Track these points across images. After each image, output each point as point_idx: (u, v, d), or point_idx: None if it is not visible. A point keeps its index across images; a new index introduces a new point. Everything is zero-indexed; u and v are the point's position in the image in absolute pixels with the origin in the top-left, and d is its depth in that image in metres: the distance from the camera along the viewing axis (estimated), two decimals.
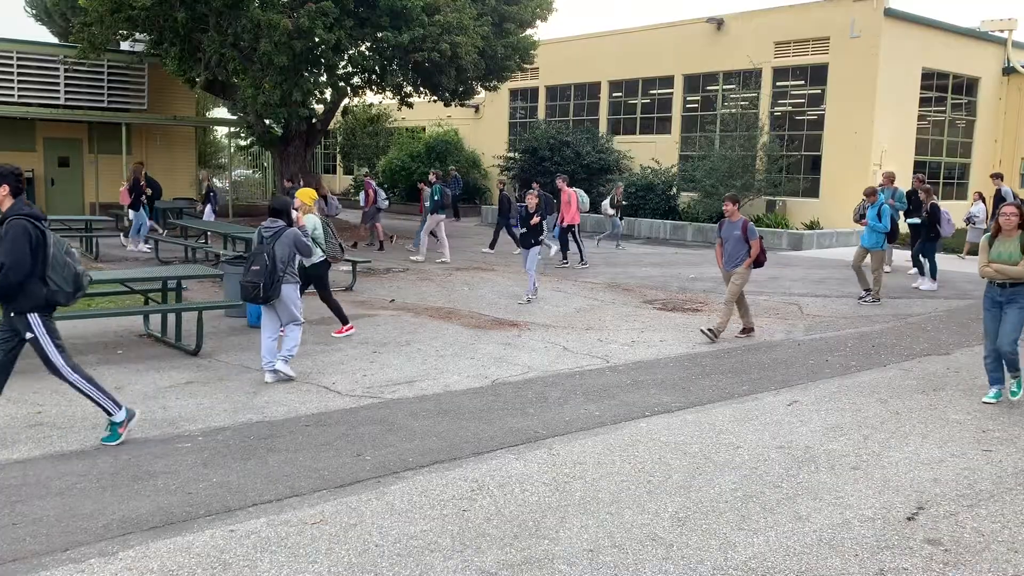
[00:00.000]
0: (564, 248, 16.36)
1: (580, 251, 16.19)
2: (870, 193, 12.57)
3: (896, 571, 4.05)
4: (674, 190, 24.24)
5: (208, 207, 19.11)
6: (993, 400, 7.12)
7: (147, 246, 16.91)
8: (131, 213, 17.37)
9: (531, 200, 12.34)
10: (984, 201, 19.40)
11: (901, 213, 14.43)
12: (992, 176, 18.41)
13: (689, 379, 7.85)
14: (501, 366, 8.14)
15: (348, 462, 5.40)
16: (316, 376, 7.57)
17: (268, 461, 5.38)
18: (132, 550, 4.08)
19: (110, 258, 15.73)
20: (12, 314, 5.32)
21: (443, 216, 17.12)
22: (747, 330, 9.94)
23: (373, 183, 19.09)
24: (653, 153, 25.42)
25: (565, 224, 16.11)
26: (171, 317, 8.85)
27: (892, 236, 13.18)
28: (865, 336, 10.10)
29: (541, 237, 12.39)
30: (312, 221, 8.92)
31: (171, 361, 8.02)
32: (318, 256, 8.92)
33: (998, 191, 17.55)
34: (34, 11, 34.53)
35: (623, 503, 4.81)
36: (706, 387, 7.56)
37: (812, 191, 23.11)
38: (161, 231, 18.30)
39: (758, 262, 9.69)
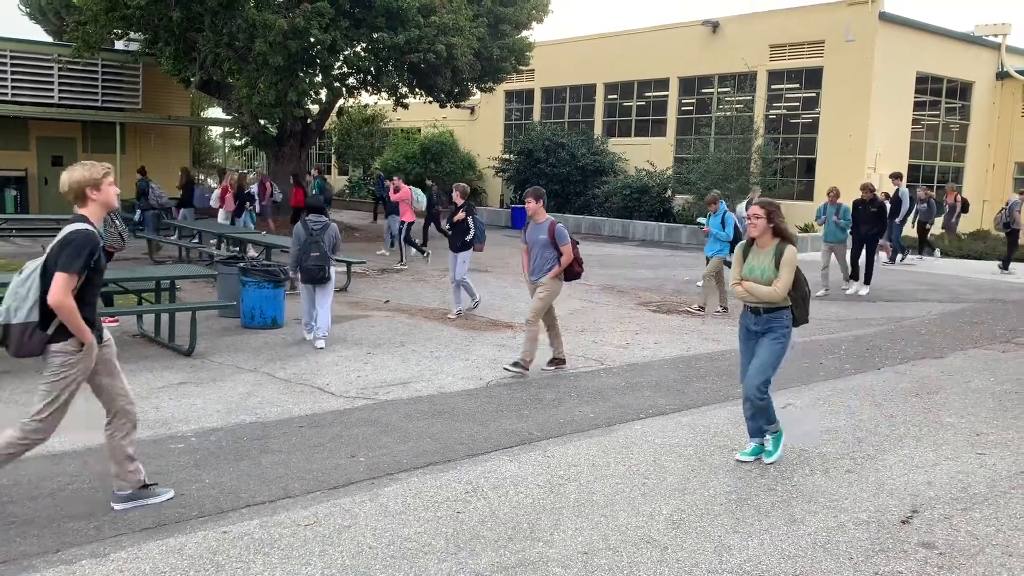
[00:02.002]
0: (413, 246, 16.38)
1: (402, 253, 16.03)
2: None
3: (891, 574, 4.05)
4: (669, 193, 24.27)
5: (245, 213, 17.41)
6: (749, 458, 5.59)
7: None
8: (221, 215, 16.80)
9: (455, 197, 11.12)
10: (931, 199, 19.43)
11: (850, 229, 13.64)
12: (891, 176, 18.24)
13: (684, 381, 7.84)
14: (496, 367, 8.13)
15: (342, 463, 5.38)
16: (310, 377, 7.55)
17: (261, 462, 5.35)
18: (124, 551, 4.05)
19: None
20: None
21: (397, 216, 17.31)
22: (557, 361, 8.17)
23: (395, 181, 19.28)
24: (648, 155, 25.46)
25: (403, 222, 16.10)
26: (164, 317, 8.82)
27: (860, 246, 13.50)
28: (859, 339, 10.11)
29: (468, 238, 10.97)
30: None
31: (164, 361, 7.99)
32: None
33: (896, 192, 17.47)
34: (28, 9, 34.43)
35: (617, 505, 4.80)
36: (701, 389, 7.56)
37: (807, 194, 23.16)
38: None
39: (571, 272, 7.93)
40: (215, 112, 34.47)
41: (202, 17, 18.14)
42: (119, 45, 23.71)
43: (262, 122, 21.00)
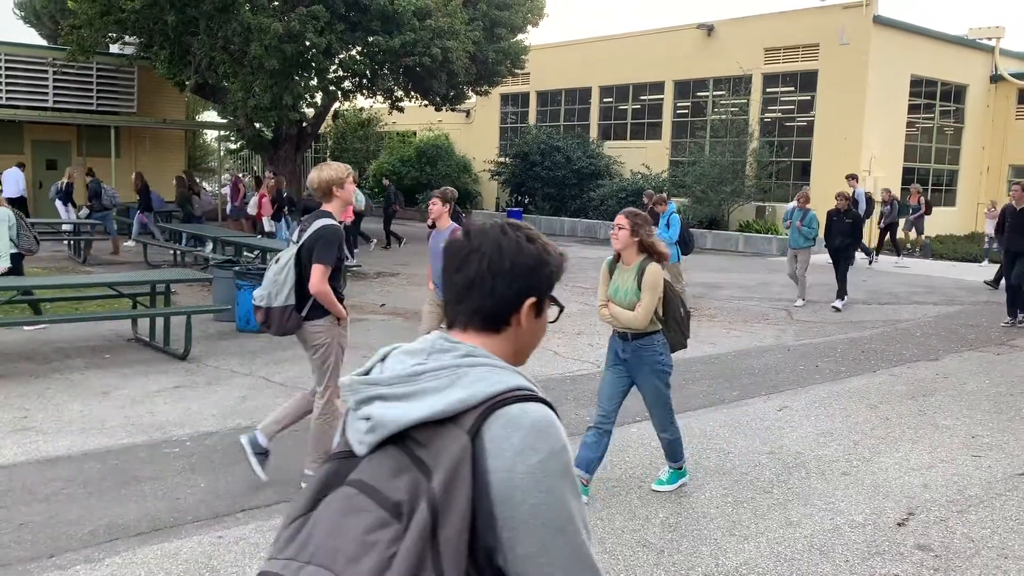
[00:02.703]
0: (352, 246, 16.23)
1: (351, 252, 15.84)
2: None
3: None
4: (664, 196, 24.28)
5: (283, 219, 16.87)
6: (665, 487, 5.10)
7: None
8: (266, 223, 16.41)
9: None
10: (894, 199, 19.47)
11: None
12: (847, 177, 18.22)
13: (679, 384, 7.82)
14: None
15: None
16: (305, 381, 7.51)
17: None
18: (119, 556, 4.04)
19: (99, 261, 15.64)
20: None
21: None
22: None
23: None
24: (643, 159, 25.48)
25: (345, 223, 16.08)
26: (159, 321, 8.80)
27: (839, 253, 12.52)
28: (854, 342, 10.12)
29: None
30: (3, 214, 9.10)
31: (159, 365, 7.97)
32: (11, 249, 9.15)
33: (852, 193, 17.46)
34: (23, 13, 34.37)
35: (614, 509, 4.80)
36: (696, 392, 7.56)
37: None
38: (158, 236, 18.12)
39: None
40: (210, 115, 34.43)
41: (197, 21, 18.11)
42: (114, 49, 23.68)
43: (257, 125, 20.97)
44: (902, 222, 20.00)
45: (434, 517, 1.21)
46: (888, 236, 19.43)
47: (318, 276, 4.67)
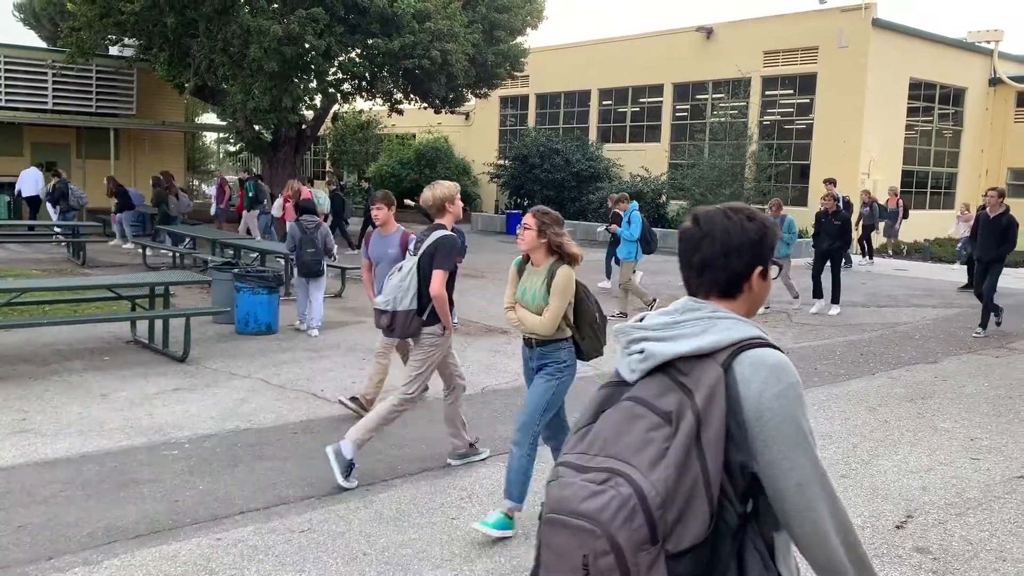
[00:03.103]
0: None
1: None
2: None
3: None
4: (663, 198, 24.32)
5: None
6: (493, 530, 4.37)
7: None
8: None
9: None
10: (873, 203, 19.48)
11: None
12: (825, 182, 18.15)
13: None
14: (490, 373, 8.12)
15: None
16: (305, 383, 7.53)
17: (255, 469, 5.34)
18: (117, 559, 4.04)
19: (98, 263, 15.63)
20: None
21: (257, 212, 17.50)
22: (361, 401, 6.59)
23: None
24: (642, 161, 25.51)
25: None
26: (158, 323, 8.79)
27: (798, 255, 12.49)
28: (853, 344, 10.13)
29: None
30: None
31: (158, 368, 7.96)
32: None
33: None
34: (22, 15, 34.42)
35: None
36: None
37: (801, 200, 23.23)
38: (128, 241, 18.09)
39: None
40: (210, 118, 34.47)
41: (197, 23, 18.13)
42: (113, 51, 23.71)
43: (257, 128, 21.00)
44: (881, 225, 20.02)
45: (698, 423, 1.58)
46: (865, 238, 19.52)
47: (438, 281, 5.05)
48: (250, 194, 17.61)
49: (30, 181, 19.27)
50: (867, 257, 19.34)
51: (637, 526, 1.51)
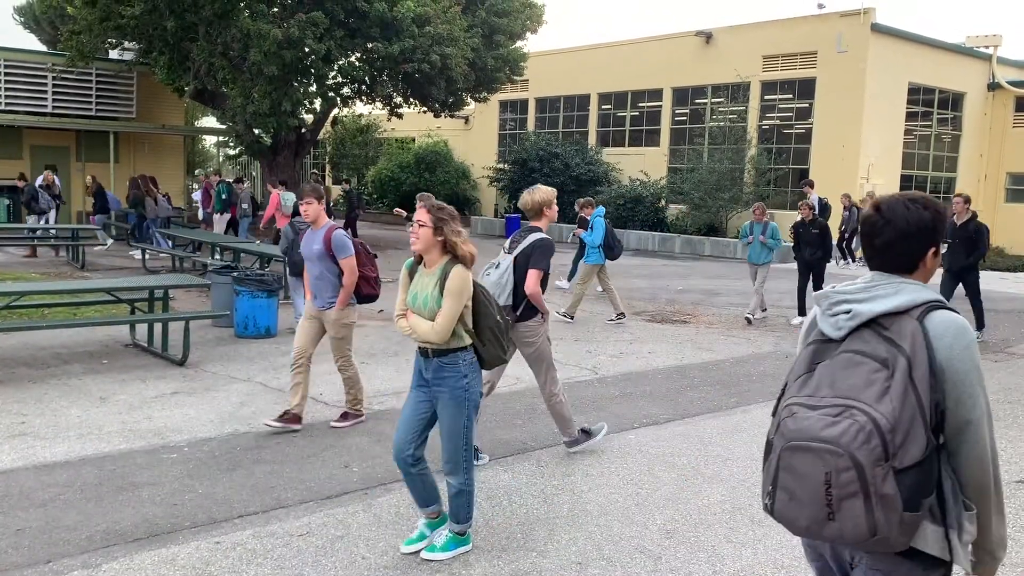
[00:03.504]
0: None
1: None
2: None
3: None
4: (662, 202, 24.34)
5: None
6: (413, 547, 4.23)
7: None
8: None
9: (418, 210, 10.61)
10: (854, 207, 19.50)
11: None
12: (803, 184, 18.18)
13: (677, 391, 7.85)
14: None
15: (335, 473, 5.36)
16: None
17: (254, 472, 5.34)
18: (116, 562, 4.03)
19: (96, 267, 15.63)
20: None
21: (228, 215, 17.63)
22: (290, 417, 6.18)
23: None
24: (642, 165, 25.54)
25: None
26: (157, 327, 8.80)
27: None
28: None
29: None
30: None
31: (157, 371, 7.96)
32: None
33: (808, 200, 17.46)
34: (22, 19, 34.46)
35: (611, 515, 4.80)
36: (695, 399, 7.56)
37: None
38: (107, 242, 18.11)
39: (360, 293, 6.35)
40: (209, 121, 34.50)
41: (196, 27, 18.16)
42: (113, 54, 23.74)
43: (256, 131, 21.01)
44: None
45: (909, 365, 1.99)
46: (844, 241, 19.57)
47: (534, 279, 5.36)
48: (223, 196, 17.64)
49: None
50: (847, 260, 19.48)
51: (874, 446, 1.91)
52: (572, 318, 11.47)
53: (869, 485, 1.90)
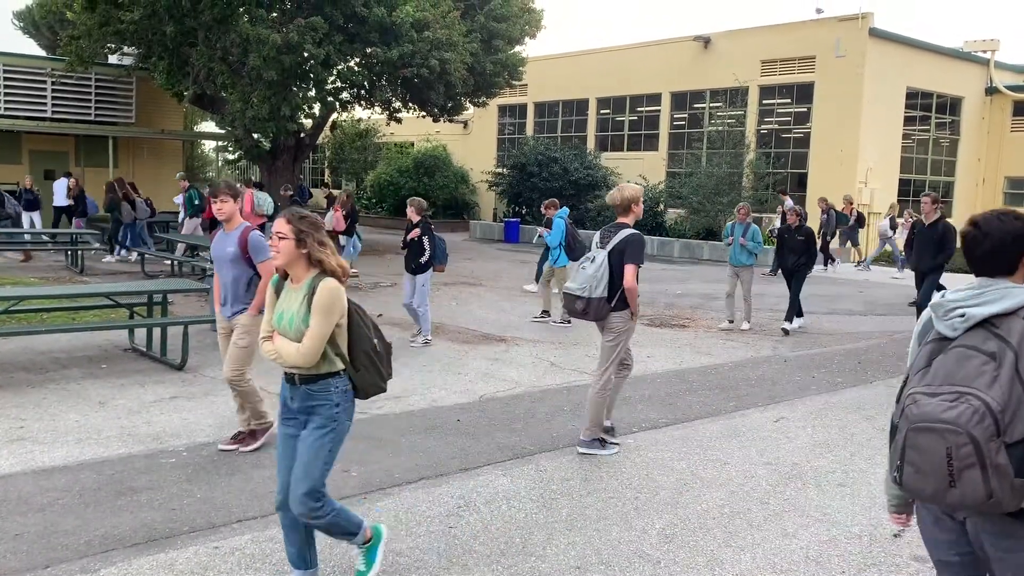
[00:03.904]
0: None
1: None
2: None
3: None
4: (661, 207, 24.36)
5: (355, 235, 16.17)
6: None
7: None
8: (342, 239, 15.91)
9: (409, 213, 9.87)
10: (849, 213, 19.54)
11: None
12: (777, 191, 18.28)
13: (676, 395, 7.85)
14: (489, 381, 8.13)
15: (333, 478, 5.32)
16: None
17: (253, 477, 5.33)
18: (114, 567, 4.03)
19: (95, 271, 15.63)
20: None
21: (198, 221, 17.55)
22: (243, 437, 5.89)
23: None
24: (640, 170, 25.56)
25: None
26: (156, 331, 8.80)
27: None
28: (851, 352, 10.14)
29: (423, 259, 9.69)
30: None
31: (156, 376, 7.96)
32: None
33: (782, 206, 17.56)
34: (21, 23, 34.49)
35: (610, 520, 4.80)
36: (693, 403, 7.56)
37: None
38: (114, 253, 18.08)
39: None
40: (208, 126, 34.50)
41: (196, 32, 18.18)
42: (112, 59, 23.75)
43: (255, 136, 21.03)
44: (839, 232, 20.10)
45: (1016, 358, 2.35)
46: (823, 245, 19.59)
47: (631, 274, 5.77)
48: (195, 202, 17.56)
49: (61, 191, 19.50)
50: (828, 264, 19.55)
51: (987, 425, 2.28)
52: (548, 315, 11.68)
53: (985, 457, 2.27)
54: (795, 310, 11.48)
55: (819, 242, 18.81)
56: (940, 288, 13.46)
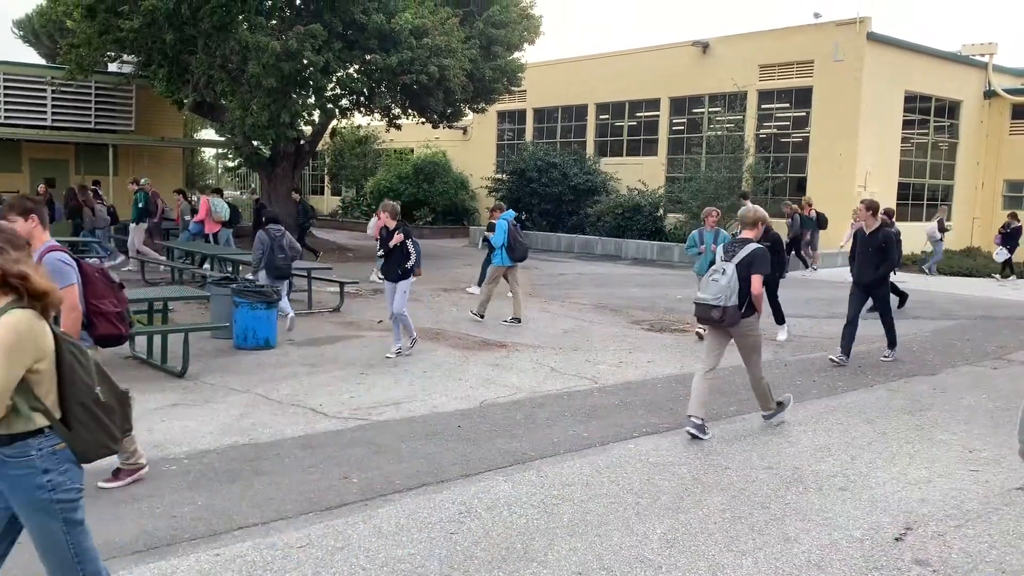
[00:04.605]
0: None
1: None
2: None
3: None
4: (661, 211, 24.37)
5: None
6: None
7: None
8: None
9: (383, 219, 9.41)
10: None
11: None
12: (739, 196, 18.27)
13: (677, 399, 7.84)
14: (489, 387, 8.12)
15: (335, 485, 5.36)
16: (303, 398, 7.53)
17: (254, 484, 5.33)
18: (115, 575, 4.02)
19: None
20: None
21: (146, 225, 17.63)
22: (126, 471, 5.22)
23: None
24: (640, 175, 25.58)
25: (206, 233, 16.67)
26: (157, 339, 8.80)
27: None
28: (851, 356, 10.12)
29: (409, 263, 9.28)
30: None
31: (157, 383, 7.96)
32: None
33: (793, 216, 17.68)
34: (21, 32, 34.55)
35: (611, 525, 4.80)
36: None
37: None
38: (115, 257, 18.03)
39: (99, 334, 4.97)
40: (208, 133, 34.55)
41: (195, 39, 18.21)
42: (112, 67, 23.78)
43: (255, 143, 21.05)
44: (807, 235, 20.12)
45: None
46: (793, 250, 19.57)
47: (758, 283, 6.47)
48: (139, 205, 17.22)
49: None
50: (806, 267, 19.60)
51: None
52: (482, 317, 11.85)
53: None
54: (778, 317, 11.16)
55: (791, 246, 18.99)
56: (901, 295, 13.40)
